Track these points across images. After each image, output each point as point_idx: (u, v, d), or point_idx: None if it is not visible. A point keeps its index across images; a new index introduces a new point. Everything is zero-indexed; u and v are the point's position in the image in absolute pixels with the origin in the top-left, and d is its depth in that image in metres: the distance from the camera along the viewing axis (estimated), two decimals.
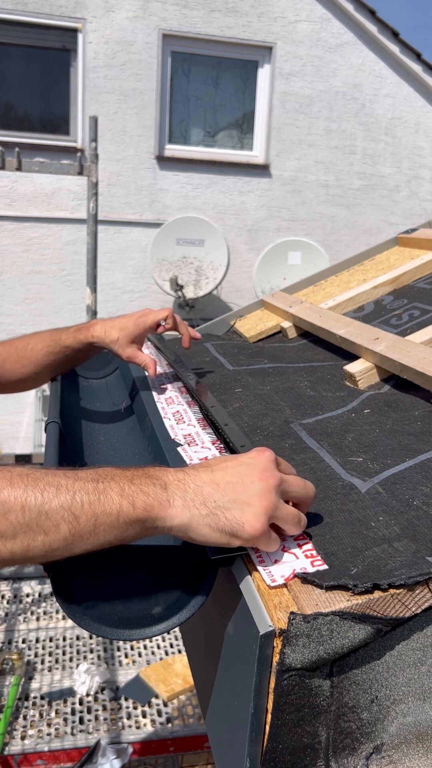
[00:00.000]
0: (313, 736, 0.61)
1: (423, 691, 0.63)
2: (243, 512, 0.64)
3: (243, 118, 7.06)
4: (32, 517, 0.60)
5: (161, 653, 4.29)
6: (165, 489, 0.65)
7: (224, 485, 0.66)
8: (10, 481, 0.61)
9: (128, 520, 0.62)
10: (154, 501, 0.63)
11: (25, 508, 0.60)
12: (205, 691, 0.84)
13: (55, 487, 0.62)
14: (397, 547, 0.66)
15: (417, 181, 7.39)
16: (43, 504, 0.60)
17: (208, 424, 1.05)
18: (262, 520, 0.64)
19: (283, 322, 1.61)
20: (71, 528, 0.61)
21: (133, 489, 0.63)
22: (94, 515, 0.61)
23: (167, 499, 0.64)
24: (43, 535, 0.60)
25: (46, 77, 6.63)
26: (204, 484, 0.66)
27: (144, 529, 0.64)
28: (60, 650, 4.27)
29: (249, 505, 0.65)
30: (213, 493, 0.65)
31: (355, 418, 1.03)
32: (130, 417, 1.23)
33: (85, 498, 0.62)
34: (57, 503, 0.61)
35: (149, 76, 6.57)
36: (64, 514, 0.61)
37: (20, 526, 0.60)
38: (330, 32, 6.81)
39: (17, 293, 6.55)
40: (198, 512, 0.64)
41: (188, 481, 0.66)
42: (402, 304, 1.44)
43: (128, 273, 6.81)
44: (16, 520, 0.59)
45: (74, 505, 0.61)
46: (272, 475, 0.67)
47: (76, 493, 0.62)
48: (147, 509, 0.63)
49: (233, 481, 0.66)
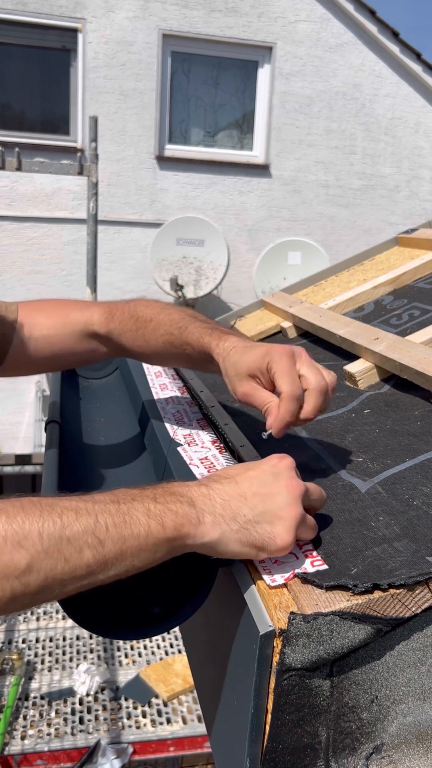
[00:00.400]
0: (313, 736, 0.61)
1: (423, 691, 0.63)
2: (273, 525, 0.63)
3: (243, 118, 7.06)
4: (51, 543, 0.54)
5: (161, 653, 4.29)
6: (193, 506, 0.61)
7: (251, 497, 0.64)
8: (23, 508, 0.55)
9: (157, 541, 0.58)
10: (183, 519, 0.60)
11: (44, 535, 0.54)
12: (205, 691, 0.84)
13: (74, 510, 0.56)
14: (397, 547, 0.66)
15: (417, 181, 7.39)
16: (64, 528, 0.54)
17: (208, 424, 1.05)
18: (292, 533, 0.63)
19: (283, 322, 1.61)
20: (95, 554, 0.55)
21: (159, 508, 0.59)
22: (121, 538, 0.56)
23: (197, 516, 0.61)
24: (63, 562, 0.54)
25: (46, 77, 6.63)
26: (231, 498, 0.63)
27: (172, 549, 0.60)
28: (60, 650, 4.27)
29: (279, 518, 0.63)
30: (241, 506, 0.63)
31: (355, 418, 1.03)
32: (130, 417, 1.23)
33: (110, 520, 0.57)
34: (79, 527, 0.55)
35: (149, 76, 6.57)
36: (87, 538, 0.55)
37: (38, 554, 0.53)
38: (330, 32, 6.81)
39: (17, 293, 6.54)
40: (228, 528, 0.62)
41: (214, 495, 0.63)
42: (402, 304, 1.44)
43: (128, 273, 6.81)
44: (34, 548, 0.53)
45: (98, 529, 0.56)
46: (298, 485, 0.66)
47: (99, 516, 0.56)
48: (177, 528, 0.59)
49: (261, 492, 0.64)
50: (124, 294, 6.78)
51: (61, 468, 0.91)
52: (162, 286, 6.50)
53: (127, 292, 6.80)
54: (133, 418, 1.21)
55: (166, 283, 6.47)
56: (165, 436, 1.00)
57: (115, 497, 0.60)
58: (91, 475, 1.01)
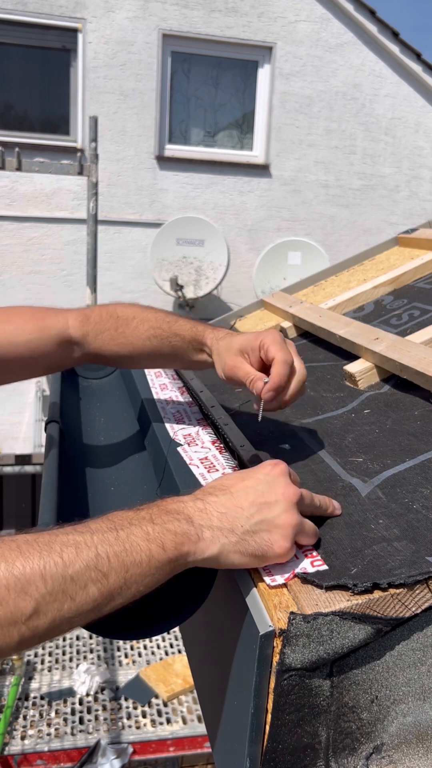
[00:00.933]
0: (313, 736, 0.61)
1: (423, 691, 0.63)
2: (271, 533, 0.64)
3: (243, 118, 7.06)
4: (56, 585, 0.53)
5: (161, 653, 4.29)
6: (191, 523, 0.62)
7: (248, 507, 0.64)
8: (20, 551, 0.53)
9: (160, 564, 0.58)
10: (183, 538, 0.60)
11: (46, 577, 0.53)
12: (205, 691, 0.84)
13: (74, 546, 0.55)
14: (397, 546, 0.66)
15: (417, 181, 7.39)
16: (66, 568, 0.54)
17: (208, 424, 1.05)
18: (290, 540, 0.64)
19: (283, 322, 1.61)
20: (101, 587, 0.55)
21: (157, 530, 0.59)
22: (123, 568, 0.56)
23: (196, 532, 0.61)
24: (69, 602, 0.53)
25: (46, 77, 6.63)
26: (228, 510, 0.64)
27: (175, 568, 0.60)
28: (60, 650, 4.27)
29: (276, 526, 0.64)
30: (238, 517, 0.64)
31: (355, 418, 1.03)
32: (130, 417, 1.23)
33: (111, 550, 0.56)
34: (81, 564, 0.54)
35: (149, 76, 6.57)
36: (90, 574, 0.54)
37: (43, 598, 0.52)
38: (330, 32, 6.81)
39: (17, 293, 6.55)
40: (228, 540, 0.62)
41: (210, 509, 0.64)
42: (402, 304, 1.44)
43: (128, 273, 6.81)
44: (38, 592, 0.52)
45: (100, 562, 0.55)
46: (294, 492, 0.66)
47: (99, 548, 0.56)
48: (178, 547, 0.59)
49: (256, 501, 0.65)
50: (124, 294, 6.78)
51: (61, 468, 0.91)
52: (162, 286, 6.50)
53: (127, 292, 6.80)
54: (133, 418, 1.21)
55: (166, 283, 6.47)
56: (165, 436, 1.00)
57: (113, 524, 0.59)
58: (91, 475, 1.01)
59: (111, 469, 1.03)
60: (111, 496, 0.95)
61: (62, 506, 0.79)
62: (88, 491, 0.95)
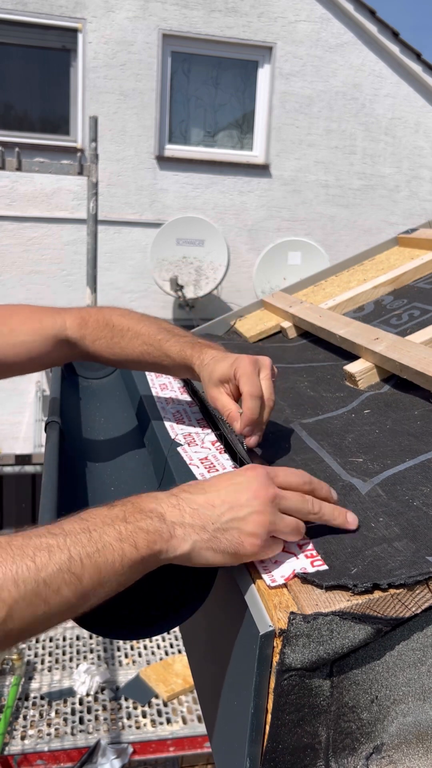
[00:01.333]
0: (313, 736, 0.61)
1: (423, 691, 0.63)
2: (241, 531, 0.64)
3: (243, 118, 7.06)
4: (28, 589, 0.53)
5: (161, 653, 4.29)
6: (163, 520, 0.62)
7: (219, 505, 0.65)
8: None
9: (132, 563, 0.59)
10: (155, 536, 0.61)
11: (19, 582, 0.53)
12: (205, 691, 0.84)
13: (46, 549, 0.56)
14: (397, 546, 0.66)
15: (417, 181, 7.39)
16: (39, 571, 0.54)
17: (208, 425, 1.05)
18: (261, 537, 0.64)
19: (283, 322, 1.61)
20: (74, 589, 0.56)
21: (130, 529, 0.60)
22: (96, 569, 0.57)
23: (168, 530, 0.62)
24: (43, 605, 0.54)
25: (46, 77, 6.63)
26: (200, 507, 0.65)
27: (147, 567, 0.61)
28: (60, 650, 4.27)
29: (246, 522, 0.64)
30: (210, 515, 0.64)
31: (355, 418, 1.03)
32: (131, 417, 1.23)
33: (83, 551, 0.57)
34: (54, 567, 0.55)
35: (149, 76, 6.57)
36: (63, 576, 0.55)
37: (16, 603, 0.53)
38: (330, 32, 6.81)
39: (17, 293, 6.55)
40: (199, 537, 0.63)
41: (183, 505, 0.65)
42: (402, 304, 1.44)
43: (128, 273, 6.81)
44: (11, 597, 0.52)
45: (73, 565, 0.56)
46: (266, 492, 0.66)
47: (72, 549, 0.57)
48: (150, 546, 0.60)
49: (228, 500, 0.65)
50: (124, 294, 6.78)
51: (61, 468, 0.91)
52: (162, 286, 6.50)
53: (127, 292, 6.80)
54: (133, 418, 1.21)
55: (166, 283, 6.48)
56: (165, 436, 1.00)
57: (86, 525, 0.59)
58: (92, 475, 1.01)
59: (111, 469, 1.03)
60: (111, 496, 0.95)
61: (62, 506, 0.79)
62: (88, 491, 0.95)
